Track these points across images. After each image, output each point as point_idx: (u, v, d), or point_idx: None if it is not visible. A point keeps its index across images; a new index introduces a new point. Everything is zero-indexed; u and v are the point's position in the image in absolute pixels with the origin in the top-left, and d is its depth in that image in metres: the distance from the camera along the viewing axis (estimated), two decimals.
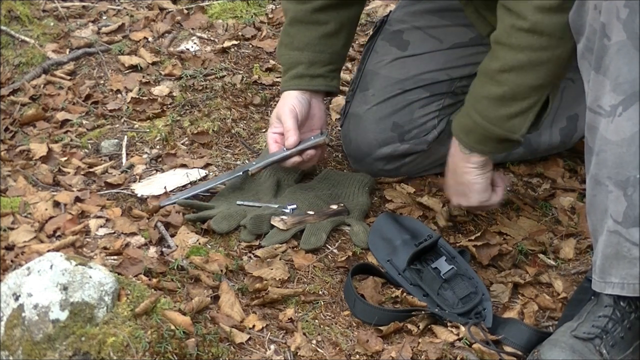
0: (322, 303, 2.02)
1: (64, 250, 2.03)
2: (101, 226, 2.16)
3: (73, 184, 2.31)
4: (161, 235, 2.14)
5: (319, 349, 1.91)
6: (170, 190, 2.28)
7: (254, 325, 1.93)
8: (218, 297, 1.97)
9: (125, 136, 2.51)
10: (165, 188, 2.29)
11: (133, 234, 2.13)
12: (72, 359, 1.71)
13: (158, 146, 2.48)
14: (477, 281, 2.07)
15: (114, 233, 2.14)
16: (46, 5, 3.07)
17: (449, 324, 1.98)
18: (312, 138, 2.29)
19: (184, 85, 2.70)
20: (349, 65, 2.82)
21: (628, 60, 1.76)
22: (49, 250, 1.97)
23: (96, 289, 1.75)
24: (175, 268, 2.02)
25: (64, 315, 1.72)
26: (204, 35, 2.97)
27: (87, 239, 2.11)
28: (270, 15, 3.09)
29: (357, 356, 1.91)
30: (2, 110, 2.61)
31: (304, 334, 1.94)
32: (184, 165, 2.40)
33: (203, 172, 2.37)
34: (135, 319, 1.76)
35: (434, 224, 2.29)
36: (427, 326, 1.98)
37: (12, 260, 2.01)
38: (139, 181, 2.34)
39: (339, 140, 2.53)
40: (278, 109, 2.30)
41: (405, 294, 2.04)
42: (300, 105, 2.28)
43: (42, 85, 2.70)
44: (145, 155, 2.44)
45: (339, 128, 2.58)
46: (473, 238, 2.24)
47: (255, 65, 2.84)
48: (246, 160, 2.44)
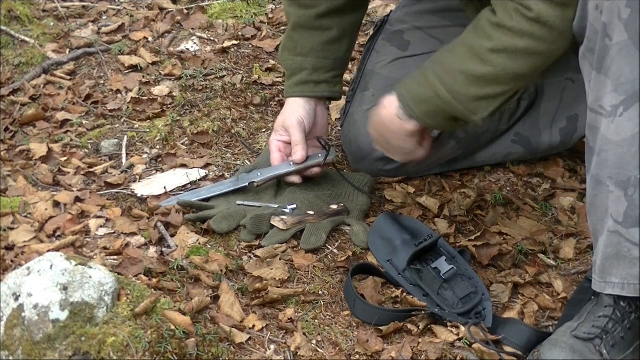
0: (322, 303, 2.02)
1: (64, 250, 2.03)
2: (101, 226, 2.16)
3: (73, 184, 2.31)
4: (161, 235, 2.14)
5: (319, 349, 1.91)
6: (171, 191, 2.28)
7: (254, 325, 1.93)
8: (218, 297, 1.96)
9: (125, 136, 2.51)
10: (165, 188, 2.29)
11: (133, 234, 2.13)
12: (72, 359, 1.71)
13: (158, 146, 2.48)
14: (477, 281, 2.07)
15: (114, 233, 2.14)
16: (46, 5, 3.06)
17: (449, 324, 1.98)
18: (320, 155, 2.30)
19: (184, 85, 2.70)
20: (349, 65, 2.82)
21: (630, 61, 1.76)
22: (49, 250, 1.97)
23: (96, 289, 1.75)
24: (175, 268, 2.01)
25: (64, 315, 1.72)
26: (204, 35, 2.97)
27: (87, 239, 2.11)
28: (270, 15, 3.09)
29: (357, 356, 1.91)
30: (2, 110, 2.61)
31: (304, 334, 1.94)
32: (184, 165, 2.40)
33: (203, 172, 2.36)
34: (135, 319, 1.76)
35: (434, 224, 2.29)
36: (427, 326, 1.98)
37: (12, 260, 2.01)
38: (139, 181, 2.34)
39: (339, 140, 2.53)
40: (285, 118, 2.30)
41: (405, 294, 2.04)
42: (308, 115, 2.30)
43: (42, 85, 2.70)
44: (145, 155, 2.44)
45: (339, 128, 2.58)
46: (473, 238, 2.24)
47: (255, 65, 2.84)
48: (246, 161, 2.44)
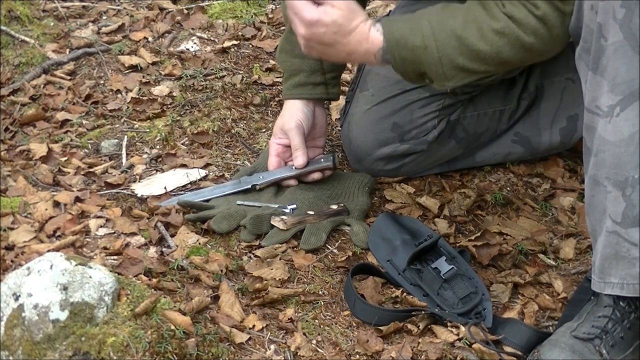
0: (322, 303, 2.02)
1: (64, 250, 2.03)
2: (101, 226, 2.16)
3: (73, 184, 2.32)
4: (161, 235, 2.14)
5: (319, 349, 1.91)
6: (171, 191, 2.28)
7: (254, 325, 1.93)
8: (218, 297, 1.97)
9: (125, 136, 2.51)
10: (165, 188, 2.29)
11: (133, 234, 2.14)
12: (72, 359, 1.71)
13: (158, 146, 2.48)
14: (477, 281, 2.07)
15: (114, 233, 2.14)
16: (46, 5, 3.07)
17: (449, 324, 1.98)
18: (322, 160, 2.31)
19: (184, 85, 2.70)
20: (349, 65, 2.82)
21: (625, 61, 1.76)
22: (49, 250, 1.97)
23: (96, 289, 1.75)
24: (175, 268, 2.02)
25: (64, 315, 1.72)
26: (204, 35, 2.98)
27: (87, 239, 2.11)
28: (270, 15, 3.09)
29: (357, 356, 1.91)
30: (2, 110, 2.61)
31: (304, 334, 1.94)
32: (184, 165, 2.40)
33: (203, 172, 2.37)
34: (135, 319, 1.76)
35: (434, 224, 2.29)
36: (427, 326, 1.98)
37: (12, 260, 2.01)
38: (139, 181, 2.34)
39: (339, 140, 2.53)
40: (284, 122, 2.31)
41: (405, 294, 2.04)
42: (306, 118, 2.31)
43: (42, 85, 2.70)
44: (145, 155, 2.44)
45: (339, 128, 2.58)
46: (473, 238, 2.24)
47: (255, 65, 2.84)
48: (246, 161, 2.44)
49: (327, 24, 1.99)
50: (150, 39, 2.93)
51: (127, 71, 2.78)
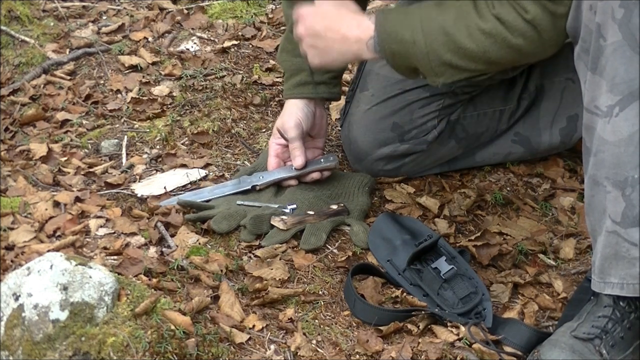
0: (322, 303, 2.02)
1: (64, 250, 2.03)
2: (101, 226, 2.16)
3: (73, 184, 2.32)
4: (161, 235, 2.14)
5: (319, 349, 1.91)
6: (171, 191, 2.28)
7: (254, 325, 1.93)
8: (218, 297, 1.97)
9: (125, 136, 2.51)
10: (165, 188, 2.29)
11: (133, 234, 2.14)
12: (72, 359, 1.71)
13: (158, 146, 2.48)
14: (477, 281, 2.07)
15: (114, 233, 2.14)
16: (46, 5, 3.07)
17: (449, 324, 1.98)
18: (322, 160, 2.32)
19: (184, 85, 2.70)
20: (349, 65, 2.82)
21: (624, 61, 1.76)
22: (49, 250, 1.97)
23: (96, 289, 1.75)
24: (175, 268, 2.02)
25: (64, 315, 1.72)
26: (204, 35, 2.98)
27: (87, 239, 2.11)
28: (270, 15, 3.09)
29: (357, 356, 1.91)
30: (2, 110, 2.61)
31: (304, 334, 1.94)
32: (184, 165, 2.40)
33: (203, 172, 2.37)
34: (135, 319, 1.76)
35: (434, 224, 2.29)
36: (427, 326, 1.98)
37: (12, 260, 2.01)
38: (139, 181, 2.34)
39: (339, 140, 2.53)
40: (284, 122, 2.30)
41: (405, 294, 2.04)
42: (306, 118, 2.30)
43: (42, 85, 2.70)
44: (145, 155, 2.44)
45: (339, 128, 2.58)
46: (473, 238, 2.24)
47: (255, 65, 2.84)
48: (246, 161, 2.44)
49: (318, 13, 2.03)
50: (150, 39, 2.93)
51: (127, 71, 2.78)
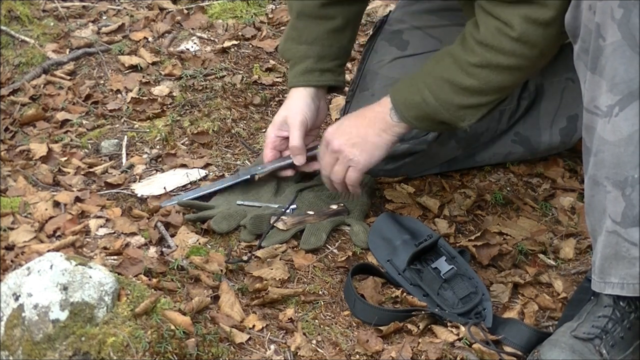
0: (322, 303, 2.02)
1: (64, 250, 2.03)
2: (101, 226, 2.16)
3: (73, 184, 2.32)
4: (161, 235, 2.14)
5: (319, 349, 1.91)
6: (171, 191, 2.28)
7: (254, 325, 1.93)
8: (218, 297, 1.97)
9: (125, 136, 2.51)
10: (165, 188, 2.29)
11: (133, 234, 2.14)
12: (72, 359, 1.71)
13: (158, 146, 2.48)
14: (477, 281, 2.07)
15: (114, 233, 2.14)
16: (46, 5, 3.07)
17: (449, 324, 1.98)
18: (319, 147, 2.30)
19: (184, 85, 2.70)
20: (349, 65, 2.82)
21: (624, 60, 1.76)
22: (49, 250, 1.97)
23: (96, 289, 1.75)
24: (175, 268, 2.02)
25: (64, 315, 1.72)
26: (204, 35, 2.98)
27: (87, 239, 2.11)
28: (270, 15, 3.09)
29: (357, 356, 1.91)
30: (2, 110, 2.61)
31: (304, 334, 1.94)
32: (184, 165, 2.40)
33: (203, 172, 2.37)
34: (135, 319, 1.76)
35: (434, 224, 2.29)
36: (427, 326, 1.98)
37: (12, 260, 2.01)
38: (139, 181, 2.34)
39: None
40: (289, 115, 2.28)
41: (405, 294, 2.04)
42: (312, 113, 2.29)
43: (42, 85, 2.70)
44: (145, 155, 2.44)
45: None
46: (473, 238, 2.24)
47: (255, 65, 2.84)
48: (246, 161, 2.44)
49: (341, 126, 2.16)
50: (150, 39, 2.93)
51: (127, 71, 2.78)
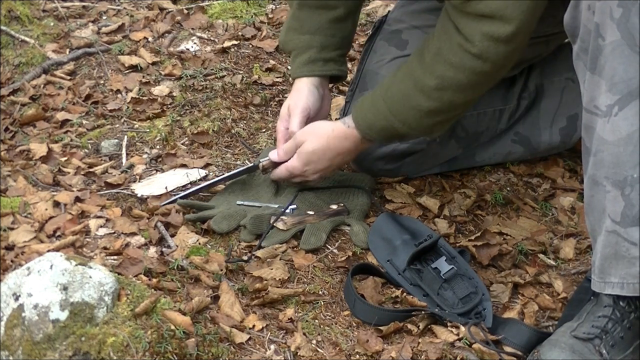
0: (322, 303, 2.02)
1: (64, 250, 2.03)
2: (101, 226, 2.16)
3: (73, 184, 2.32)
4: (161, 235, 2.14)
5: (319, 349, 1.91)
6: (171, 191, 2.28)
7: (254, 325, 1.93)
8: (218, 297, 1.97)
9: (125, 136, 2.51)
10: (165, 188, 2.29)
11: (133, 234, 2.14)
12: (72, 359, 1.71)
13: (158, 146, 2.48)
14: (477, 281, 2.07)
15: (114, 233, 2.14)
16: (46, 5, 3.07)
17: (449, 324, 1.98)
18: None
19: (184, 85, 2.70)
20: (349, 65, 2.82)
21: (623, 60, 1.77)
22: (49, 250, 1.97)
23: (96, 289, 1.75)
24: (175, 268, 2.02)
25: (64, 315, 1.72)
26: (204, 35, 2.98)
27: (87, 239, 2.11)
28: (270, 15, 3.09)
29: (357, 356, 1.91)
30: (2, 110, 2.61)
31: (304, 334, 1.94)
32: (184, 165, 2.40)
33: (203, 172, 2.37)
34: (135, 319, 1.76)
35: (434, 224, 2.29)
36: (427, 326, 1.98)
37: (12, 260, 2.01)
38: (139, 181, 2.34)
39: None
40: (291, 102, 2.27)
41: (405, 294, 2.04)
42: (314, 99, 2.27)
43: (42, 85, 2.70)
44: (145, 155, 2.44)
45: None
46: (473, 238, 2.24)
47: (255, 65, 2.84)
48: (246, 161, 2.45)
49: (310, 160, 2.19)
50: (150, 39, 2.93)
51: (127, 71, 2.78)
